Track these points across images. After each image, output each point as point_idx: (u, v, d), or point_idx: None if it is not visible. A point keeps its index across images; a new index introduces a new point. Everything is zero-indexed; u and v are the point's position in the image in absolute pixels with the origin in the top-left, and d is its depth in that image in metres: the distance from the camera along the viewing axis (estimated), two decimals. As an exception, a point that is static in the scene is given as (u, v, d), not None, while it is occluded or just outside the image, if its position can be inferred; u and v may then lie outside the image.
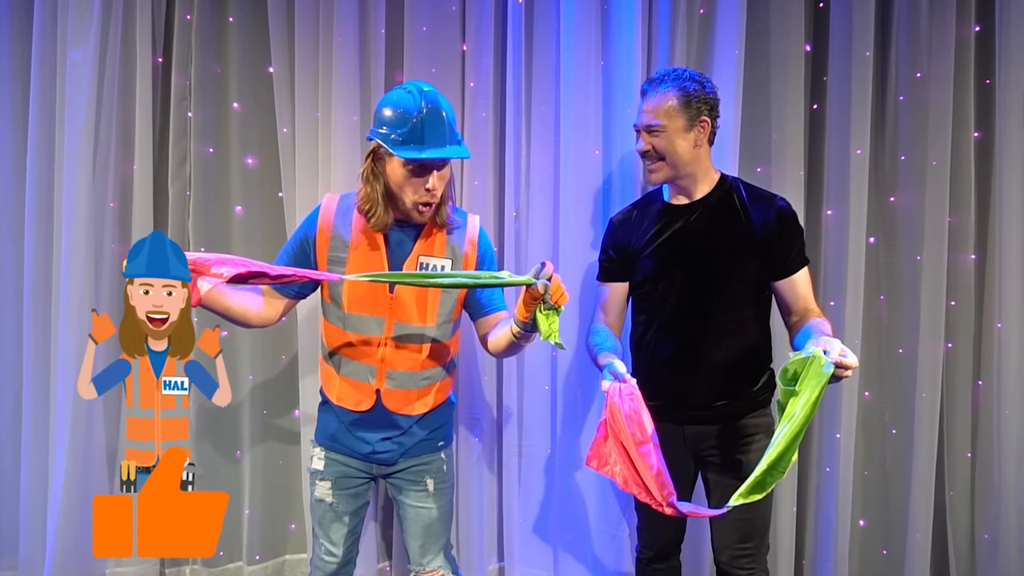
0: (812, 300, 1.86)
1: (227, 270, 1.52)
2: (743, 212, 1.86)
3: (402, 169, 1.66)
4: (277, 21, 2.44)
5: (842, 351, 1.47)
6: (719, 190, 1.90)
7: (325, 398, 1.88)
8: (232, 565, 2.61)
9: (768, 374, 1.93)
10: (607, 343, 1.87)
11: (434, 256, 1.78)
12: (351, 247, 1.75)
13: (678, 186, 1.91)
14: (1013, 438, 2.44)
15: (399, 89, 1.73)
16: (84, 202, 2.41)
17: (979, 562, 2.52)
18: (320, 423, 1.90)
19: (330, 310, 1.81)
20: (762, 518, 1.89)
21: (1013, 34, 2.36)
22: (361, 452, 1.84)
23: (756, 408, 1.89)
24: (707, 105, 1.85)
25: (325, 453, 1.86)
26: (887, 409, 2.54)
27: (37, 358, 2.48)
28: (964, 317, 2.51)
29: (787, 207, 1.88)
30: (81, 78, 2.39)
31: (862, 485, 2.59)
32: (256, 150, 2.55)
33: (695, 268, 1.87)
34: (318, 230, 1.78)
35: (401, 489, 1.89)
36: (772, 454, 1.47)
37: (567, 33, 2.41)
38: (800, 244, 1.88)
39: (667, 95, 1.83)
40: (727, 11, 2.39)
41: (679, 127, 1.83)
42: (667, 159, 1.86)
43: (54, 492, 2.44)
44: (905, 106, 2.45)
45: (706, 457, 1.92)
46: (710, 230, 1.87)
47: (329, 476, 1.85)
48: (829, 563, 2.48)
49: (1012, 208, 2.40)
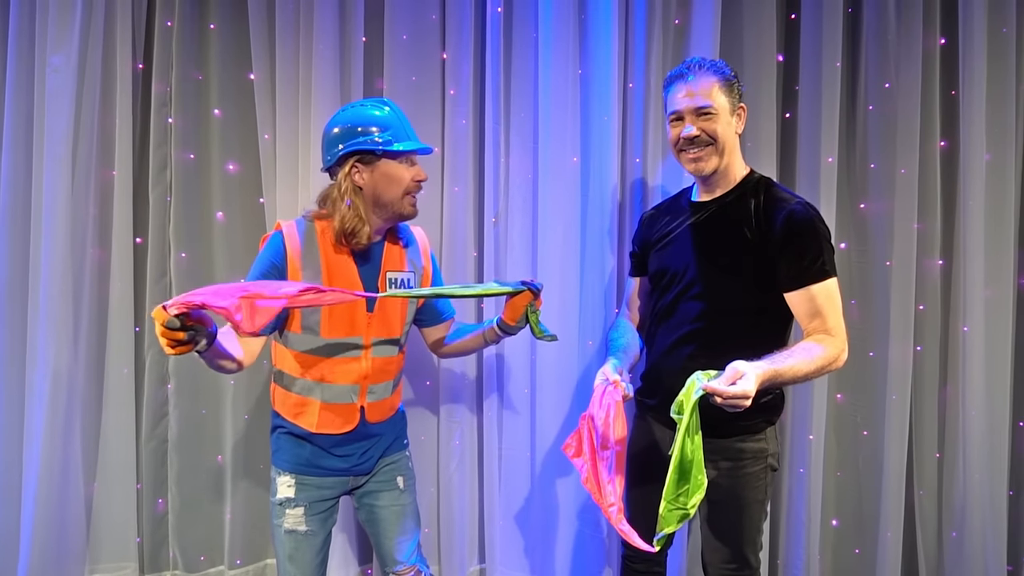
0: (820, 321, 1.66)
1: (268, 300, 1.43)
2: (755, 214, 1.74)
3: (396, 164, 1.74)
4: (258, 28, 2.45)
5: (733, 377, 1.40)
6: (740, 188, 1.81)
7: (290, 427, 1.81)
8: (213, 570, 2.61)
9: (771, 396, 1.79)
10: (622, 339, 1.89)
11: (398, 271, 1.83)
12: (324, 272, 1.74)
13: (710, 179, 1.83)
14: (978, 439, 2.48)
15: (353, 106, 1.80)
16: (64, 207, 2.40)
17: (946, 559, 2.56)
18: (284, 451, 1.82)
19: (301, 340, 1.76)
20: (750, 539, 1.82)
21: (976, 47, 2.40)
22: (340, 469, 1.82)
23: (748, 431, 1.78)
24: (741, 92, 1.80)
25: (296, 479, 1.80)
26: (859, 411, 2.57)
27: (13, 362, 2.47)
28: (932, 321, 2.54)
29: (800, 212, 1.69)
30: (61, 84, 2.39)
31: (835, 486, 2.61)
32: (237, 156, 2.55)
33: (695, 267, 1.80)
34: (288, 260, 1.72)
35: (375, 494, 1.90)
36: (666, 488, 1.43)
37: (545, 42, 2.42)
38: (811, 256, 1.66)
39: (710, 77, 1.76)
40: (702, 22, 2.42)
41: (726, 110, 1.76)
42: (717, 143, 1.76)
43: (28, 495, 2.42)
44: (874, 116, 2.48)
45: None
46: (717, 230, 1.79)
47: (302, 502, 1.79)
48: (800, 562, 2.51)
49: (976, 215, 2.44)
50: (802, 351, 1.60)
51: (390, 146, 1.73)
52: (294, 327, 1.75)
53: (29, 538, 2.41)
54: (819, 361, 1.60)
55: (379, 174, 1.73)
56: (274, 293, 1.44)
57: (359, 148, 1.72)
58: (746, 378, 1.42)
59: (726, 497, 1.79)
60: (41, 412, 2.41)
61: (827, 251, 1.69)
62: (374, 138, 1.73)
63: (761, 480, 1.80)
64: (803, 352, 1.59)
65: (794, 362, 1.55)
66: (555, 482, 2.48)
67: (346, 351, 1.77)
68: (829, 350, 1.62)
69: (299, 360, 1.77)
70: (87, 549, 2.53)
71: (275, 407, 1.85)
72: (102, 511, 2.54)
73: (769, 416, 1.81)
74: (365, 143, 1.72)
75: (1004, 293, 2.49)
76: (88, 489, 2.52)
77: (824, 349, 1.62)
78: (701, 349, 1.77)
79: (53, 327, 2.41)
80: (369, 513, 1.92)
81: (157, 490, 2.58)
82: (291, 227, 1.76)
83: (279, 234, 1.75)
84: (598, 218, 2.45)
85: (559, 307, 2.43)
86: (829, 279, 1.68)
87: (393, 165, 1.74)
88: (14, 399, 2.48)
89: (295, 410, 1.79)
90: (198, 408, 2.56)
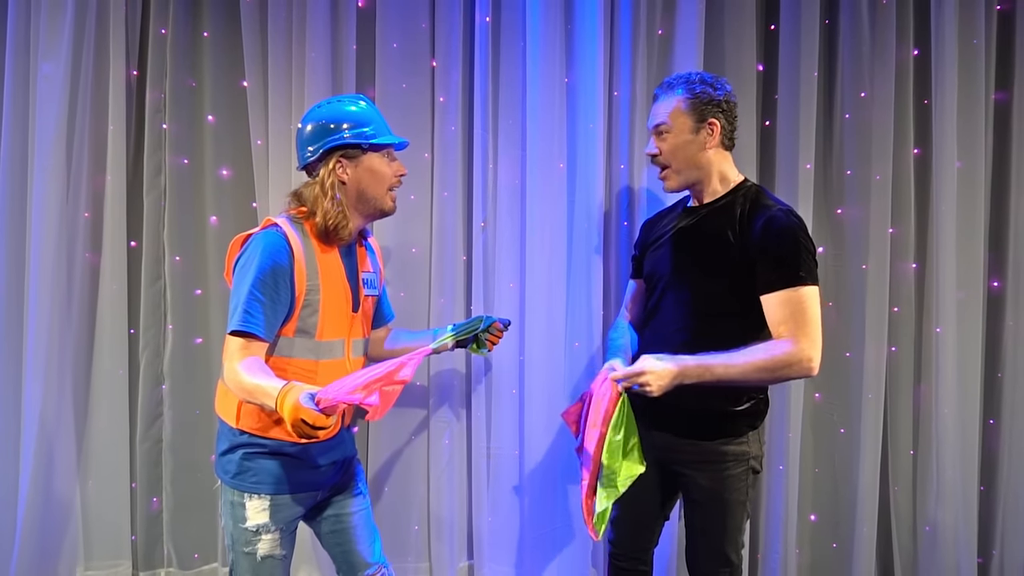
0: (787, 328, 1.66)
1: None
2: (740, 220, 1.77)
3: (380, 159, 1.74)
4: (251, 36, 2.49)
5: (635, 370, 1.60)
6: (731, 195, 1.84)
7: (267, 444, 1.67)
8: (207, 567, 2.65)
9: (755, 401, 1.83)
10: (621, 339, 1.95)
11: (366, 270, 1.85)
12: (320, 271, 1.70)
13: (694, 189, 1.89)
14: (950, 437, 2.55)
15: (330, 103, 1.78)
16: (55, 213, 2.43)
17: (920, 553, 2.63)
18: (254, 471, 1.67)
19: (295, 345, 1.68)
20: (732, 539, 1.86)
21: (948, 58, 2.48)
22: (317, 481, 1.76)
23: (730, 434, 1.82)
24: (717, 107, 1.80)
25: (271, 500, 1.67)
26: (836, 409, 2.63)
27: (9, 362, 2.49)
28: (906, 323, 2.62)
29: (780, 218, 1.71)
30: (52, 91, 2.42)
31: (813, 482, 2.68)
32: (230, 161, 2.59)
33: (680, 270, 1.85)
34: (294, 259, 1.64)
35: (343, 502, 1.85)
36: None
37: (533, 51, 2.47)
38: (786, 262, 1.68)
39: (675, 96, 1.82)
40: (685, 32, 2.49)
41: (685, 128, 1.81)
42: (673, 164, 1.83)
43: (21, 494, 2.45)
44: (850, 124, 2.55)
45: (679, 475, 1.90)
46: (703, 234, 1.83)
47: (278, 524, 1.69)
48: (779, 556, 2.58)
49: (948, 220, 2.52)
50: (747, 350, 1.65)
51: (375, 139, 1.72)
52: (287, 331, 1.66)
53: (20, 536, 2.43)
54: (762, 361, 1.63)
55: (363, 169, 1.72)
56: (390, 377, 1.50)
57: (343, 143, 1.70)
58: (644, 359, 1.60)
59: (708, 498, 1.84)
60: (35, 412, 2.43)
61: (804, 259, 1.70)
62: (359, 133, 1.71)
63: (743, 482, 1.84)
64: (748, 352, 1.64)
65: (727, 358, 1.63)
66: (542, 481, 2.54)
67: (335, 353, 1.74)
68: (782, 353, 1.64)
69: (288, 365, 1.66)
70: (80, 547, 2.56)
71: (239, 425, 1.68)
72: (96, 510, 2.57)
73: (751, 421, 1.85)
74: (350, 138, 1.70)
75: (975, 295, 2.58)
76: (82, 488, 2.55)
77: (774, 350, 1.64)
78: (684, 350, 1.76)
79: (43, 329, 2.43)
80: (336, 523, 1.84)
81: (152, 489, 2.61)
82: (286, 225, 1.68)
83: (281, 234, 1.65)
84: (584, 222, 2.51)
85: (546, 309, 2.49)
86: (804, 286, 1.68)
87: (377, 160, 1.74)
88: (9, 399, 2.50)
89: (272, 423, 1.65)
90: (192, 409, 2.59)
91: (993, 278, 2.66)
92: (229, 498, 1.70)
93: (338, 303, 1.73)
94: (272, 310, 1.60)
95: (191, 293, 2.60)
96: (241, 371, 1.53)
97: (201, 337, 2.60)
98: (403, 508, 2.59)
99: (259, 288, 1.58)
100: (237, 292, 1.61)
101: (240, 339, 1.58)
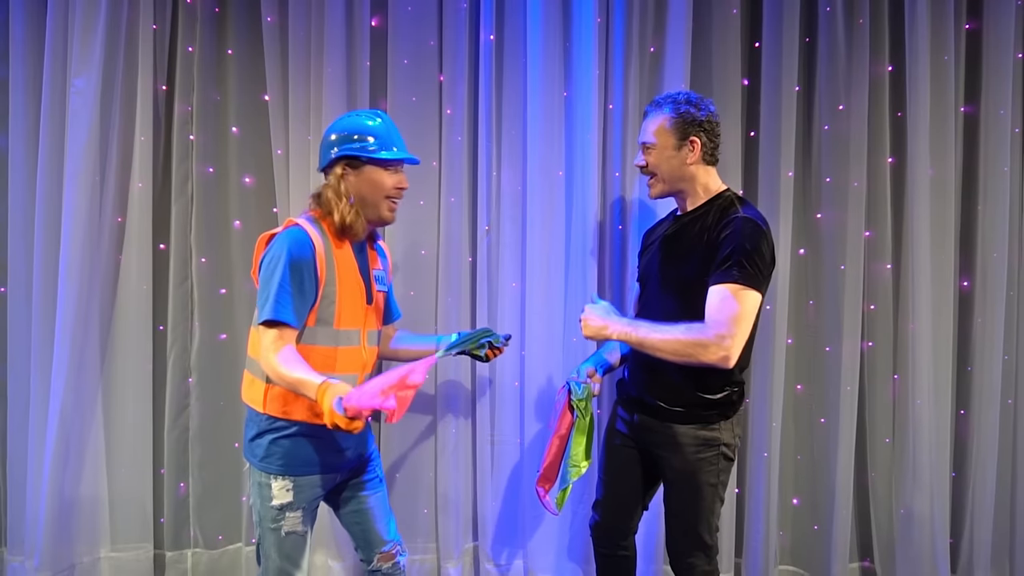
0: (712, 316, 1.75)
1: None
2: (711, 226, 1.88)
3: (380, 171, 1.85)
4: (272, 53, 2.62)
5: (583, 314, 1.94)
6: (708, 204, 1.95)
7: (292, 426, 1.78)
8: (231, 547, 2.78)
9: (728, 392, 1.93)
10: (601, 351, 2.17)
11: (376, 268, 1.99)
12: (337, 266, 1.81)
13: (679, 198, 2.03)
14: (925, 425, 2.66)
15: (350, 116, 1.91)
16: (83, 216, 2.51)
17: (897, 534, 2.73)
18: (279, 455, 1.78)
19: (317, 333, 1.78)
20: (704, 519, 1.95)
21: (920, 73, 2.60)
22: (337, 464, 1.86)
23: (703, 421, 1.92)
24: (699, 127, 1.92)
25: (294, 482, 1.79)
26: (815, 400, 2.75)
27: (43, 354, 2.58)
28: (882, 319, 2.73)
29: (736, 221, 1.82)
30: (83, 104, 2.50)
31: (795, 468, 2.80)
32: (253, 170, 2.72)
33: (663, 273, 1.98)
34: (317, 255, 1.75)
35: (362, 484, 1.98)
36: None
37: (533, 67, 2.60)
38: (728, 260, 1.77)
39: (661, 114, 1.95)
40: (674, 49, 2.62)
41: (669, 144, 1.94)
42: (658, 175, 1.99)
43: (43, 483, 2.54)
44: (829, 134, 2.65)
45: (658, 458, 2.02)
46: (681, 239, 1.95)
47: (301, 504, 1.80)
48: (761, 537, 2.70)
49: (921, 224, 2.63)
50: (672, 326, 1.78)
51: (376, 153, 1.83)
52: (309, 320, 1.76)
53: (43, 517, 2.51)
54: (678, 338, 1.75)
55: (364, 178, 1.84)
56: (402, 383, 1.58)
57: (349, 153, 1.83)
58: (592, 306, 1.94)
59: (680, 478, 1.98)
60: (57, 402, 2.50)
61: (748, 261, 1.75)
62: (363, 145, 1.83)
63: (713, 466, 1.94)
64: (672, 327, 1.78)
65: (652, 328, 1.82)
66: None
67: (352, 340, 1.85)
68: (698, 334, 1.73)
69: (312, 352, 1.76)
70: (107, 530, 2.65)
71: (266, 410, 1.79)
72: (120, 495, 2.66)
73: (724, 411, 1.95)
74: (354, 149, 1.83)
75: (946, 294, 2.70)
76: (110, 474, 2.65)
77: (692, 331, 1.74)
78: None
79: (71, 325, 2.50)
80: (357, 504, 1.97)
81: (180, 475, 2.74)
82: (308, 225, 1.79)
83: (305, 233, 1.76)
84: (581, 226, 2.65)
85: (546, 306, 2.63)
86: (736, 285, 1.74)
87: (377, 171, 1.84)
88: (40, 392, 2.58)
89: (307, 403, 1.73)
90: (217, 400, 2.73)
91: (963, 278, 2.78)
92: (257, 479, 1.82)
93: (353, 295, 1.85)
94: (300, 300, 1.71)
95: (216, 292, 2.74)
96: (280, 364, 1.65)
97: (226, 333, 2.75)
98: (413, 493, 2.72)
99: (287, 280, 1.69)
100: (266, 285, 1.71)
101: (274, 329, 1.69)
